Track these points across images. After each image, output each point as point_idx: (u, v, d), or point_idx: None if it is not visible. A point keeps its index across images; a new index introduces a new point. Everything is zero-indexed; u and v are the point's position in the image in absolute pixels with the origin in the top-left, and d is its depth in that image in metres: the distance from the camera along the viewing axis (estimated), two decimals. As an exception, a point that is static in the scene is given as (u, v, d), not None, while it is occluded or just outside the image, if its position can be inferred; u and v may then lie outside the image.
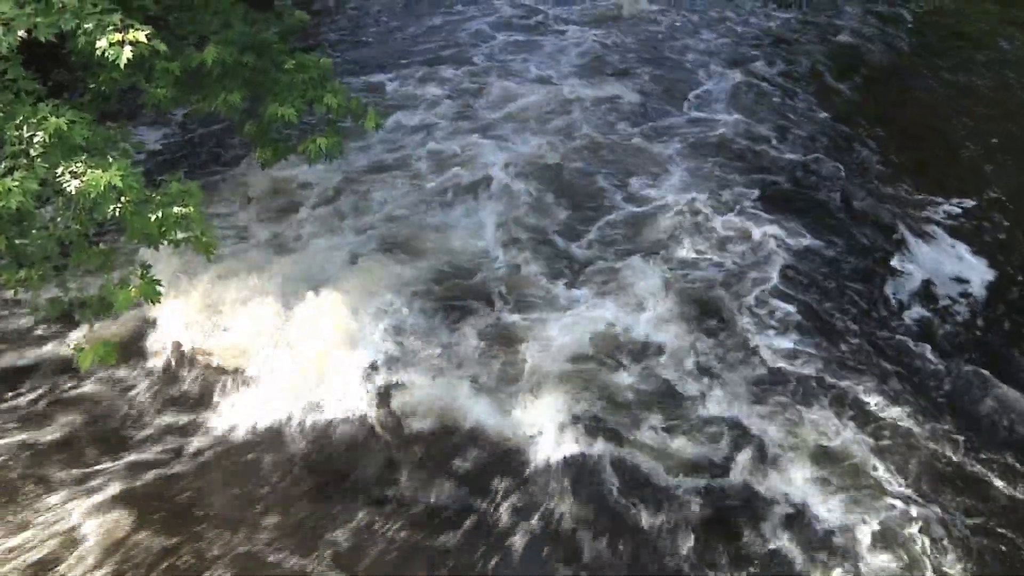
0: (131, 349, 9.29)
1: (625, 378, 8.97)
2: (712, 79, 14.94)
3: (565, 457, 8.16)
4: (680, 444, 8.32)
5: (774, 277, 10.32)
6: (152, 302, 7.17)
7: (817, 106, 14.08)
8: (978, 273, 10.48)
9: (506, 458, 8.24)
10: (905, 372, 9.13)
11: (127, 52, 6.70)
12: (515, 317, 9.68)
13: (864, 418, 8.57)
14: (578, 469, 8.09)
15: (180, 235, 7.14)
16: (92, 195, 6.42)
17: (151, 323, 9.46)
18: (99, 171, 6.44)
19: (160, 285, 7.12)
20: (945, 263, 10.66)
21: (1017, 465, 8.16)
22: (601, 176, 12.10)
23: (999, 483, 8.00)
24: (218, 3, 8.20)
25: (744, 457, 8.18)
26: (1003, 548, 7.48)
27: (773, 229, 11.02)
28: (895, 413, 8.59)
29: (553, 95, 14.19)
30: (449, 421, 8.52)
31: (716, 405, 8.70)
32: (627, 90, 14.29)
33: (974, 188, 11.98)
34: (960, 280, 10.39)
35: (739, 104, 14.17)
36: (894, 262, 10.65)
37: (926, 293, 10.21)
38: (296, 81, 8.28)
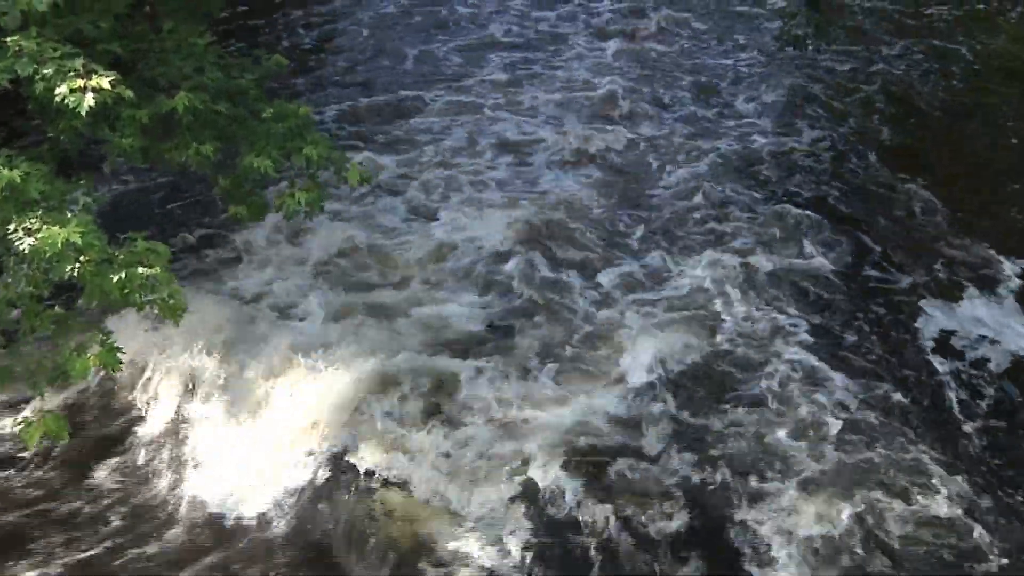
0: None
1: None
2: (746, 109, 15.22)
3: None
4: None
5: (811, 329, 10.54)
6: (112, 370, 7.23)
7: (862, 146, 14.19)
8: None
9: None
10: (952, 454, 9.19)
11: (89, 99, 6.84)
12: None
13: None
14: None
15: (145, 298, 7.19)
16: (48, 254, 6.45)
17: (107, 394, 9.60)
18: (56, 228, 6.46)
19: (121, 352, 7.19)
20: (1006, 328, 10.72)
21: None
22: (625, 217, 12.39)
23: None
24: (191, 47, 8.31)
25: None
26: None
27: (809, 282, 11.28)
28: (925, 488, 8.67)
29: (564, 136, 14.38)
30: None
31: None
32: (655, 139, 14.46)
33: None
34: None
35: (777, 140, 14.35)
36: (947, 321, 10.72)
37: (985, 360, 10.28)
38: (274, 131, 8.34)
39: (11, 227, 6.50)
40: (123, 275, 6.84)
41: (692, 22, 18.32)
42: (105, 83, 6.89)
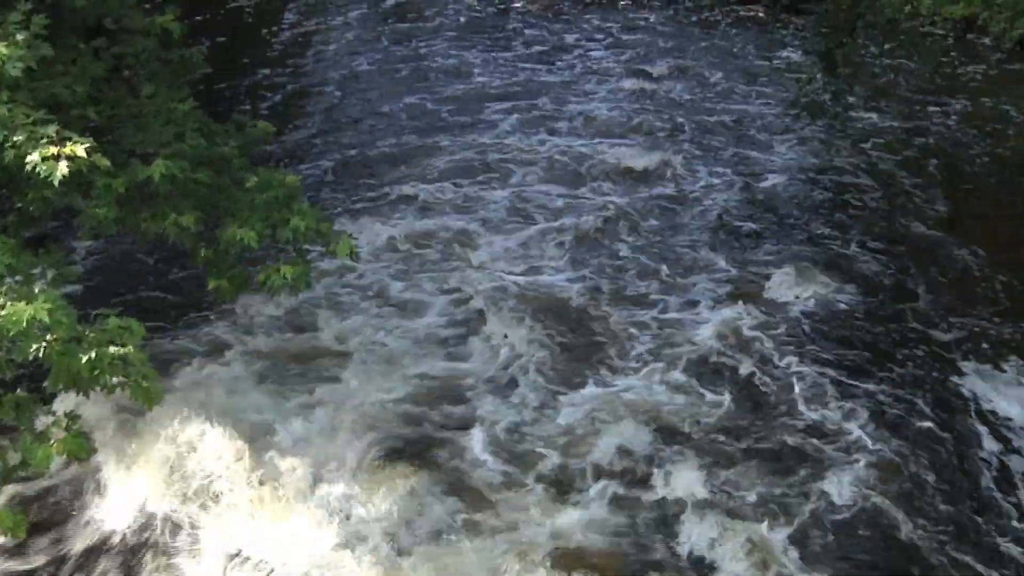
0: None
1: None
2: (778, 158, 15.60)
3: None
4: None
5: (847, 374, 10.97)
6: (79, 459, 7.19)
7: (902, 200, 14.45)
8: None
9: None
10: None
11: (63, 168, 6.89)
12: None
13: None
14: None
15: (116, 380, 7.14)
16: (12, 332, 6.42)
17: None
18: (22, 304, 6.48)
19: (89, 439, 7.14)
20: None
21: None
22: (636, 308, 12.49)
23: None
24: (170, 112, 8.39)
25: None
26: None
27: (847, 328, 11.71)
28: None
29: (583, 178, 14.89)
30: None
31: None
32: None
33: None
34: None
35: (810, 189, 14.73)
36: (986, 389, 10.88)
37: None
38: (258, 201, 8.35)
39: (-27, 304, 6.50)
40: (93, 355, 6.81)
41: (711, 75, 18.55)
42: (80, 151, 6.95)
